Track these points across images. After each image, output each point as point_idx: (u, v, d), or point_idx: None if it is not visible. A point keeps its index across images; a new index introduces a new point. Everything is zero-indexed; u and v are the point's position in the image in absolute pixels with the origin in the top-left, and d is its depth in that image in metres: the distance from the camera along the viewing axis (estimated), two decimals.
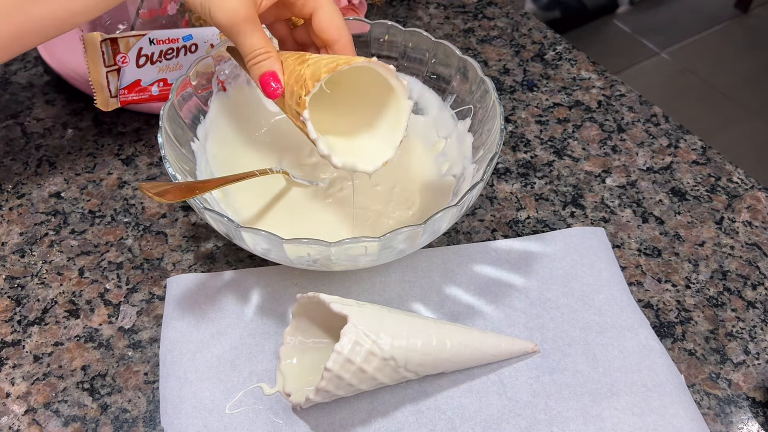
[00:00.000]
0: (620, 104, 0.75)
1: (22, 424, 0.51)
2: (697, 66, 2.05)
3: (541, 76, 0.78)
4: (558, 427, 0.50)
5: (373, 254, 0.51)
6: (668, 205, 0.66)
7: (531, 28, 0.84)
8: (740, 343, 0.56)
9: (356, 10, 0.73)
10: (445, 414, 0.51)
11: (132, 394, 0.53)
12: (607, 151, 0.70)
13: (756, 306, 0.58)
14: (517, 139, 0.71)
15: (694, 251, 0.62)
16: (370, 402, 0.51)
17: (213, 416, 0.50)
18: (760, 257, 0.62)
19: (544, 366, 0.53)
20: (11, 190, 0.66)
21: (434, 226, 0.52)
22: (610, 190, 0.67)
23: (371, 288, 0.58)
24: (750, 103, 1.93)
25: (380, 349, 0.47)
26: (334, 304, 0.48)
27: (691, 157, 0.70)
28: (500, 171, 0.68)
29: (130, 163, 0.69)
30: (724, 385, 0.54)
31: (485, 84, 0.59)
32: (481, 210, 0.65)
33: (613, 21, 2.19)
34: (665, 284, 0.60)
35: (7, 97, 0.75)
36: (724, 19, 2.21)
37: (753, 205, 0.66)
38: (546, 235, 0.62)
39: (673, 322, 0.57)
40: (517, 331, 0.55)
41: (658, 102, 0.76)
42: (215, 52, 0.61)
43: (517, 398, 0.52)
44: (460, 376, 0.53)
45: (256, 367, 0.53)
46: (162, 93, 0.67)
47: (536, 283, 0.58)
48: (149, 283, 0.59)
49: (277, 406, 0.51)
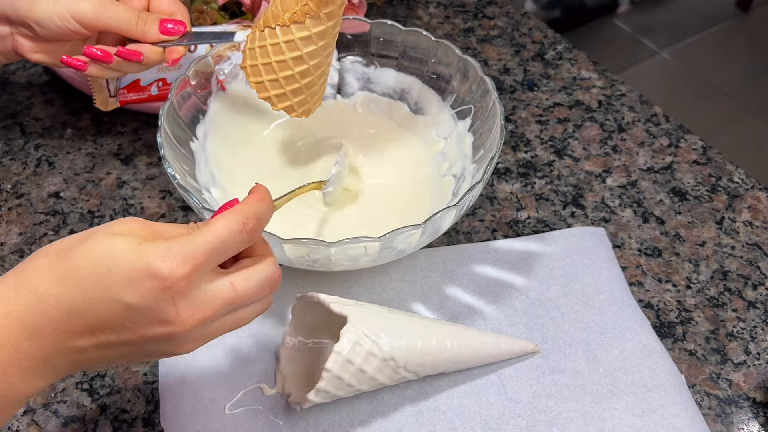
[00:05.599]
0: (620, 104, 0.75)
1: (21, 424, 0.51)
2: (697, 65, 2.05)
3: (541, 75, 0.78)
4: (558, 427, 0.50)
5: (372, 254, 0.51)
6: (669, 205, 0.65)
7: (531, 27, 0.84)
8: (741, 344, 0.56)
9: (356, 9, 0.73)
10: (445, 414, 0.51)
11: (131, 394, 0.53)
12: (608, 150, 0.70)
13: (756, 306, 0.58)
14: (518, 139, 0.71)
15: (695, 251, 0.62)
16: (370, 402, 0.51)
17: (212, 416, 0.50)
18: (761, 257, 0.62)
19: (544, 366, 0.53)
20: (10, 190, 0.66)
21: (434, 226, 0.52)
22: (610, 190, 0.67)
23: (371, 288, 0.58)
24: (750, 103, 1.93)
25: (380, 350, 0.47)
26: (333, 304, 0.48)
27: (691, 156, 0.70)
28: (500, 171, 0.68)
29: (129, 163, 0.68)
30: (725, 386, 0.54)
31: (485, 83, 0.59)
32: (481, 210, 0.65)
33: (614, 20, 2.19)
34: (666, 284, 0.60)
35: (6, 97, 0.75)
36: (725, 19, 2.20)
37: (753, 205, 0.66)
38: (546, 235, 0.61)
39: (673, 322, 0.57)
40: (518, 332, 0.55)
41: (658, 102, 0.76)
42: (214, 52, 0.61)
43: (518, 399, 0.51)
44: (460, 377, 0.52)
45: (256, 368, 0.53)
46: (161, 93, 0.67)
47: (536, 283, 0.58)
48: None
49: (276, 407, 0.51)
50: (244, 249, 0.40)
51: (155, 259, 0.35)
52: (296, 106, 0.56)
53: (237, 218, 0.38)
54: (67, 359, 0.37)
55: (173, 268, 0.36)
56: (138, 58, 0.55)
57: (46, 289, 0.36)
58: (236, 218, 0.38)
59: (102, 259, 0.36)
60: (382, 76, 0.67)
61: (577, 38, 2.04)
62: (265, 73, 0.54)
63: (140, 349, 0.38)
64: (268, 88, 0.55)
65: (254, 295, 0.39)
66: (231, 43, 0.62)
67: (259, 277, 0.39)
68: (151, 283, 0.35)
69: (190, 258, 0.36)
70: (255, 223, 0.39)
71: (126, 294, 0.35)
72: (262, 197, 0.41)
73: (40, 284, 0.36)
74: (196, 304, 0.37)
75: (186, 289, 0.36)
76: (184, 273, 0.36)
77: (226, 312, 0.39)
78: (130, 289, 0.35)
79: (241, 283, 0.39)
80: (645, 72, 2.03)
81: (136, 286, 0.35)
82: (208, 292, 0.37)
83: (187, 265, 0.36)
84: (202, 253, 0.37)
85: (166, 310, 0.36)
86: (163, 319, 0.36)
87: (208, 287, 0.38)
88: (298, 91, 0.55)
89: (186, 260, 0.36)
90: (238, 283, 0.39)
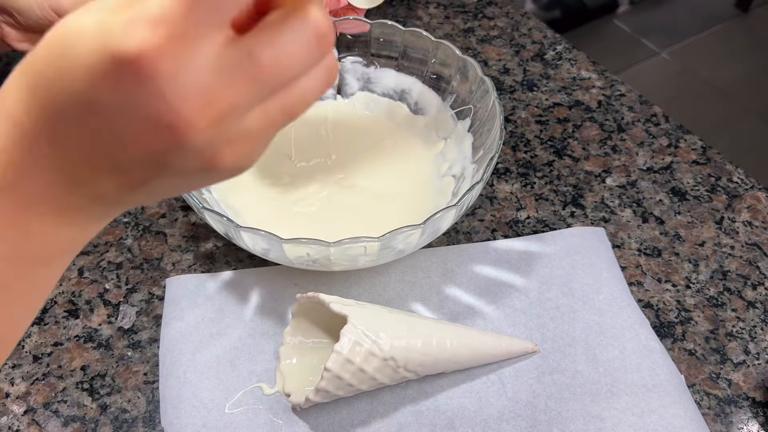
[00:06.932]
0: (620, 104, 0.75)
1: (21, 424, 0.51)
2: (697, 66, 2.05)
3: (541, 75, 0.78)
4: (558, 427, 0.50)
5: (372, 254, 0.51)
6: (668, 205, 0.65)
7: (531, 27, 0.84)
8: (740, 343, 0.56)
9: (356, 9, 0.73)
10: (445, 414, 0.51)
11: (131, 394, 0.53)
12: (607, 150, 0.70)
13: (756, 306, 0.58)
14: (517, 139, 0.71)
15: (695, 251, 0.62)
16: (370, 402, 0.51)
17: (212, 416, 0.50)
18: (761, 257, 0.62)
19: (544, 366, 0.53)
20: None
21: (434, 226, 0.52)
22: (610, 189, 0.67)
23: (371, 288, 0.58)
24: (750, 103, 1.93)
25: (380, 350, 0.47)
26: (333, 304, 0.48)
27: (691, 157, 0.70)
28: (500, 171, 0.68)
29: None
30: (724, 385, 0.54)
31: (485, 84, 0.59)
32: (481, 210, 0.65)
33: (614, 21, 2.19)
34: (665, 284, 0.60)
35: None
36: (725, 19, 2.21)
37: (753, 205, 0.66)
38: (546, 235, 0.61)
39: (673, 322, 0.57)
40: (517, 331, 0.55)
41: (658, 102, 0.76)
42: None
43: (518, 398, 0.51)
44: (460, 377, 0.52)
45: (256, 367, 0.53)
46: None
47: (536, 283, 0.58)
48: (149, 283, 0.59)
49: (276, 406, 0.51)
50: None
51: (116, 35, 0.24)
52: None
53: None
54: (83, 194, 0.28)
55: (142, 38, 0.23)
56: None
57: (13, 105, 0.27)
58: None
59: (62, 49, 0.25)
60: (382, 76, 0.67)
61: (577, 38, 2.04)
62: None
63: (159, 171, 0.27)
64: None
65: (294, 63, 0.26)
66: None
67: (295, 34, 0.26)
68: (121, 71, 0.24)
69: (165, 17, 0.23)
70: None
71: (96, 94, 0.24)
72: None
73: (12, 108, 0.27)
74: (195, 89, 0.25)
75: (172, 69, 0.24)
76: (159, 41, 0.23)
77: (260, 95, 0.26)
78: (98, 88, 0.24)
79: (266, 49, 0.26)
80: (645, 72, 2.03)
81: (104, 82, 0.24)
82: (211, 68, 0.25)
83: (160, 29, 0.23)
84: (179, 5, 0.23)
85: (153, 105, 0.24)
86: (157, 121, 0.25)
87: (209, 61, 0.25)
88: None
89: (157, 22, 0.23)
90: (259, 50, 0.25)
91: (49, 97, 0.25)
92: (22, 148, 0.27)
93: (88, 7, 0.25)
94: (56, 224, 0.29)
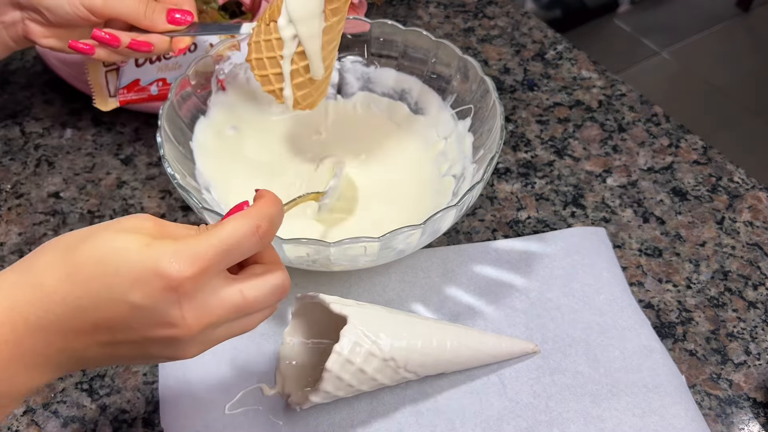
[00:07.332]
0: (621, 104, 0.75)
1: (21, 424, 0.51)
2: (697, 65, 2.04)
3: (541, 75, 0.78)
4: (558, 428, 0.50)
5: (372, 254, 0.51)
6: (669, 205, 0.65)
7: (531, 27, 0.84)
8: (741, 344, 0.56)
9: (356, 9, 0.73)
10: (445, 415, 0.51)
11: (131, 394, 0.53)
12: (608, 150, 0.70)
13: (757, 306, 0.58)
14: (518, 139, 0.71)
15: (695, 251, 0.62)
16: (370, 403, 0.51)
17: (212, 416, 0.50)
18: (761, 257, 0.62)
19: (544, 367, 0.53)
20: (10, 190, 0.66)
21: (434, 226, 0.51)
22: (610, 189, 0.67)
23: (371, 288, 0.58)
24: (750, 103, 1.93)
25: (380, 350, 0.47)
26: (333, 304, 0.48)
27: (691, 156, 0.70)
28: (500, 171, 0.68)
29: (129, 163, 0.68)
30: (725, 386, 0.54)
31: (485, 83, 0.59)
32: (481, 210, 0.65)
33: (614, 20, 2.19)
34: (666, 284, 0.60)
35: (6, 97, 0.74)
36: (725, 19, 2.20)
37: (754, 205, 0.66)
38: (546, 235, 0.61)
39: (673, 322, 0.57)
40: (518, 332, 0.55)
41: (658, 102, 0.76)
42: (214, 52, 0.61)
43: (518, 399, 0.51)
44: (461, 377, 0.52)
45: (256, 368, 0.53)
46: (161, 92, 0.67)
47: (537, 283, 0.58)
48: None
49: (276, 407, 0.51)
50: (252, 255, 0.39)
51: (163, 259, 0.34)
52: (300, 99, 0.56)
53: (250, 221, 0.37)
54: (70, 356, 0.36)
55: (181, 269, 0.34)
56: (149, 49, 0.56)
57: (53, 286, 0.35)
58: (249, 221, 0.37)
59: (111, 257, 0.35)
60: (382, 76, 0.67)
61: (577, 38, 2.03)
62: (270, 67, 0.54)
63: (143, 351, 0.37)
64: (273, 82, 0.55)
65: (263, 303, 0.38)
66: (232, 42, 0.62)
67: (270, 286, 0.38)
68: (158, 283, 0.34)
69: (199, 259, 0.35)
70: (268, 226, 0.38)
71: (132, 294, 0.34)
72: (273, 201, 0.39)
73: (47, 280, 0.35)
74: (202, 308, 0.36)
75: (192, 291, 0.35)
76: (192, 274, 0.35)
77: (233, 318, 0.38)
78: (136, 289, 0.34)
79: (252, 291, 0.38)
80: (645, 72, 2.03)
81: (143, 287, 0.34)
82: (215, 297, 0.36)
83: (195, 266, 0.35)
84: (212, 254, 0.35)
85: (171, 311, 0.35)
86: (168, 321, 0.35)
87: (215, 292, 0.36)
88: (302, 85, 0.55)
89: (195, 261, 0.35)
90: (248, 291, 0.37)
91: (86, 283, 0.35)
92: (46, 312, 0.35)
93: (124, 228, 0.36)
94: (37, 374, 0.36)
